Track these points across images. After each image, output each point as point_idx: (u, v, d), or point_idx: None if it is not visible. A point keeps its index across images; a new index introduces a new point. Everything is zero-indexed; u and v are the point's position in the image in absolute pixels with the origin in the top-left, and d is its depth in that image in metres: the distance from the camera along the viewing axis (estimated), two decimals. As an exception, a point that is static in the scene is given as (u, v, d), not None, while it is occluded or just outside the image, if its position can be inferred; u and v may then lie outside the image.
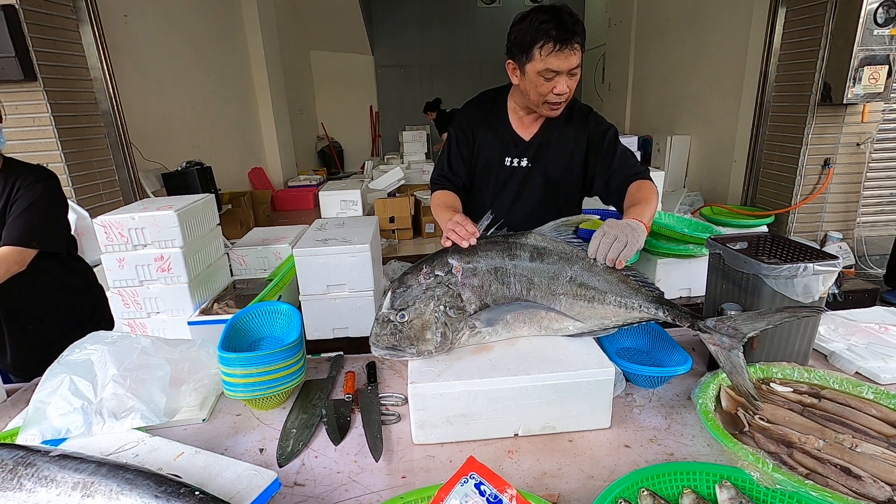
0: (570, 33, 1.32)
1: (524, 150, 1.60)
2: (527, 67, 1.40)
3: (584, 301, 1.18)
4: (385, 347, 1.14)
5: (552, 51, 1.33)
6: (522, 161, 1.60)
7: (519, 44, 1.39)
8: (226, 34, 6.55)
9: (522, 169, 1.61)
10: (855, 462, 0.88)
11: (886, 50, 3.58)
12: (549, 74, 1.37)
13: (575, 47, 1.34)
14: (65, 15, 3.32)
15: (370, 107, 10.59)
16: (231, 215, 5.34)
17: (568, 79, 1.39)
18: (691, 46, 5.78)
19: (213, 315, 2.22)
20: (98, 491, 0.77)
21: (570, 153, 1.60)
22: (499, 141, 1.61)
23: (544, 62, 1.35)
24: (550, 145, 1.59)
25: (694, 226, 2.67)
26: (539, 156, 1.60)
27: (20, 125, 3.12)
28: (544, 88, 1.40)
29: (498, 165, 1.62)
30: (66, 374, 1.05)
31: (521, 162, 1.60)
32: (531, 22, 1.35)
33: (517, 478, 0.95)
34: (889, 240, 3.97)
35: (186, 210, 2.17)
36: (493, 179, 1.64)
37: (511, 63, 1.47)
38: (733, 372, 1.06)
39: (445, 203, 1.57)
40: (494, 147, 1.61)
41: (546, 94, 1.41)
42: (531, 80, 1.41)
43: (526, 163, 1.61)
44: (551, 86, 1.39)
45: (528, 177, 1.62)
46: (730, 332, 1.07)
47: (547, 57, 1.34)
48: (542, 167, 1.61)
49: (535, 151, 1.60)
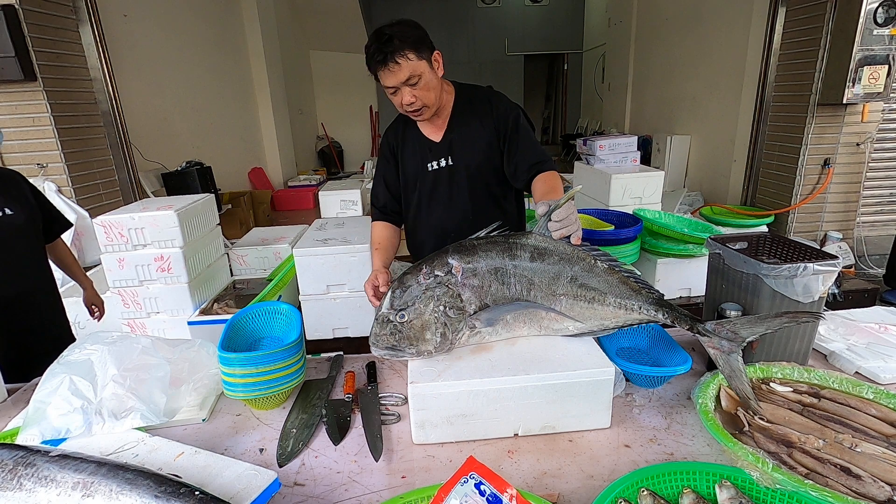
0: (384, 53, 1.37)
1: (440, 151, 1.63)
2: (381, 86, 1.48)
3: (585, 302, 1.18)
4: (385, 347, 1.14)
5: (379, 70, 1.41)
6: (441, 161, 1.63)
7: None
8: (226, 34, 6.55)
9: (445, 169, 1.64)
10: (855, 462, 0.88)
11: (886, 50, 3.58)
12: (390, 89, 1.45)
13: (396, 64, 1.38)
14: (64, 15, 3.32)
15: (370, 107, 10.59)
16: (231, 215, 5.34)
17: (410, 89, 1.44)
18: (691, 46, 5.78)
19: (213, 315, 2.22)
20: (98, 491, 0.77)
21: (482, 143, 1.62)
22: (417, 150, 1.65)
23: (382, 80, 1.43)
24: (461, 140, 1.62)
25: (694, 226, 2.67)
26: (455, 152, 1.62)
27: (20, 125, 3.12)
28: (396, 101, 1.48)
29: (423, 173, 1.65)
30: (66, 374, 1.05)
31: (440, 163, 1.63)
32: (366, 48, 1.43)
33: (517, 478, 0.95)
34: (889, 240, 3.97)
35: (186, 210, 2.17)
36: (423, 187, 1.67)
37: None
38: (732, 376, 1.05)
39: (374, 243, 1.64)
40: (415, 157, 1.65)
41: (401, 106, 1.49)
42: (388, 95, 1.50)
43: (445, 162, 1.63)
44: (398, 99, 1.47)
45: (452, 175, 1.64)
46: (729, 336, 1.06)
47: (381, 75, 1.42)
48: (462, 162, 1.63)
49: (450, 149, 1.62)
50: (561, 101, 11.86)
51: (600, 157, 3.52)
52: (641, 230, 2.51)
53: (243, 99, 7.05)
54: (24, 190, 1.85)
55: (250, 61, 7.16)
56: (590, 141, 3.59)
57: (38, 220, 1.88)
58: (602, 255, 1.22)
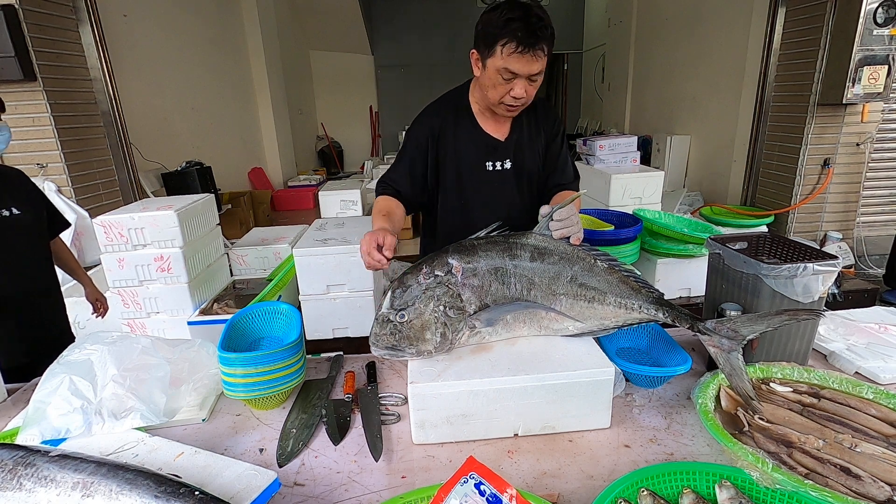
0: (536, 38, 1.24)
1: (504, 152, 1.53)
2: (487, 62, 1.33)
3: (585, 301, 1.18)
4: (385, 347, 1.13)
5: (513, 51, 1.26)
6: (505, 163, 1.54)
7: (484, 36, 1.31)
8: (226, 34, 6.55)
9: (503, 172, 1.55)
10: (854, 462, 0.88)
11: (886, 50, 3.58)
12: (508, 75, 1.30)
13: (538, 53, 1.27)
14: (64, 15, 3.32)
15: (370, 107, 10.59)
16: (231, 215, 5.34)
17: (528, 83, 1.32)
18: (691, 46, 5.78)
19: (213, 315, 2.22)
20: (98, 491, 0.77)
21: (540, 148, 1.57)
22: (476, 146, 1.52)
23: (505, 61, 1.28)
24: (523, 143, 1.55)
25: (693, 226, 2.67)
26: (517, 155, 1.55)
27: (20, 125, 3.12)
28: (502, 89, 1.34)
29: (478, 171, 1.54)
30: (65, 374, 1.05)
31: (503, 164, 1.54)
32: (500, 15, 1.26)
33: (517, 478, 0.95)
34: (888, 240, 3.97)
35: (186, 210, 2.17)
36: (473, 185, 1.55)
37: (475, 53, 1.38)
38: (732, 374, 1.06)
39: (381, 210, 1.46)
40: (473, 153, 1.52)
41: (503, 96, 1.36)
42: (490, 77, 1.35)
43: (508, 164, 1.55)
44: (509, 87, 1.33)
45: (508, 178, 1.56)
46: (729, 335, 1.07)
47: (508, 57, 1.27)
48: (521, 166, 1.56)
49: (514, 151, 1.54)
50: (561, 101, 11.84)
51: (600, 157, 3.52)
52: (641, 230, 2.51)
53: (243, 99, 7.05)
54: (29, 189, 1.85)
55: (250, 61, 7.16)
56: (590, 141, 3.59)
57: (44, 219, 1.89)
58: (601, 254, 1.22)
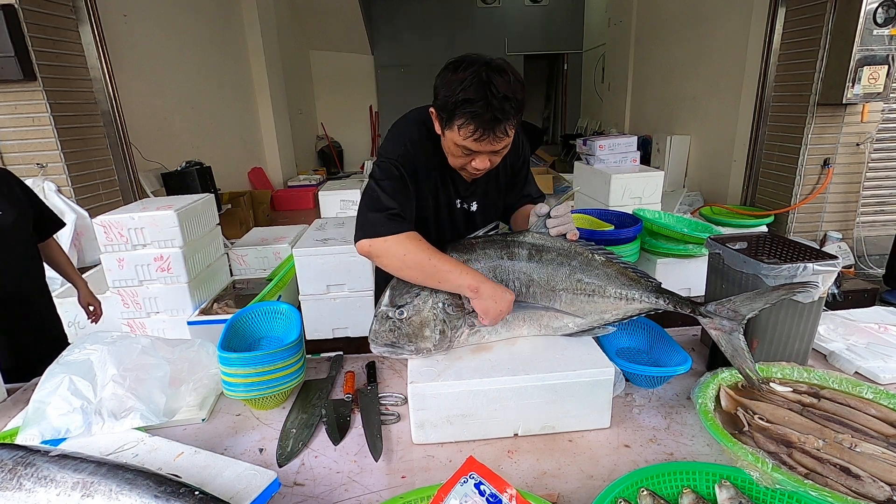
0: (497, 121, 1.10)
1: (471, 192, 1.42)
2: (446, 133, 1.18)
3: (585, 295, 1.18)
4: (384, 344, 1.14)
5: (470, 136, 1.12)
6: (472, 205, 1.44)
7: (442, 103, 1.14)
8: (226, 34, 6.55)
9: (469, 211, 1.44)
10: (854, 462, 0.88)
11: (886, 50, 3.58)
12: (468, 152, 1.18)
13: (499, 136, 1.13)
14: (64, 15, 3.32)
15: (370, 107, 10.59)
16: (231, 215, 5.34)
17: (491, 156, 1.20)
18: (691, 46, 5.78)
19: (213, 315, 2.22)
20: (98, 491, 0.77)
21: (501, 184, 1.47)
22: (446, 183, 1.38)
23: (464, 141, 1.14)
24: (487, 182, 1.43)
25: (693, 226, 2.66)
26: (483, 193, 1.45)
27: (19, 125, 3.12)
28: (462, 160, 1.22)
29: (449, 210, 1.41)
30: (65, 374, 1.05)
31: (470, 206, 1.43)
32: (458, 87, 1.09)
33: (517, 478, 0.95)
34: (888, 240, 3.96)
35: (186, 210, 2.17)
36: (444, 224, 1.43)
37: (433, 112, 1.21)
38: (735, 355, 1.07)
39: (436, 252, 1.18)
40: (443, 190, 1.38)
41: (464, 165, 1.24)
42: (449, 147, 1.22)
43: (473, 206, 1.44)
44: (469, 160, 1.21)
45: (474, 218, 1.46)
46: (730, 315, 1.08)
47: (466, 139, 1.14)
48: (485, 203, 1.46)
49: (479, 190, 1.43)
50: (561, 101, 11.85)
51: (600, 157, 3.52)
52: (641, 230, 2.50)
53: (243, 99, 7.05)
54: (14, 189, 1.84)
55: (250, 61, 7.16)
56: (590, 141, 3.59)
57: (30, 219, 1.87)
58: (598, 248, 1.23)
